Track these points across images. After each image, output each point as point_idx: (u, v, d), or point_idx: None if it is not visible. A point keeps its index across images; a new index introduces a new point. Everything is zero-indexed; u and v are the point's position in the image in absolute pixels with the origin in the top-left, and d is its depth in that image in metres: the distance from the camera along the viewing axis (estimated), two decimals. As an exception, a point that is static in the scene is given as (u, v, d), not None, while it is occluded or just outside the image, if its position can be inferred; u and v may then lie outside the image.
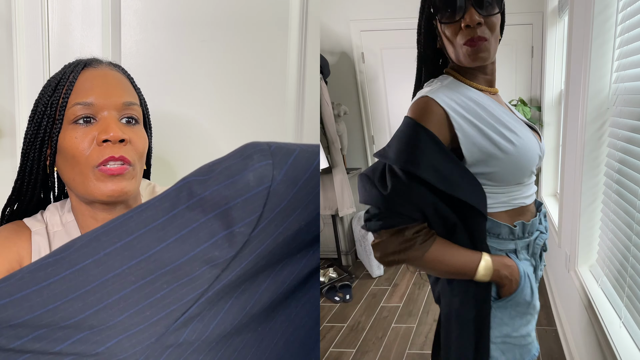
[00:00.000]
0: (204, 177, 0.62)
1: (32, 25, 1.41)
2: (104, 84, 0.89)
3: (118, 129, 0.86)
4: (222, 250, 0.62)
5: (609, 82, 1.59)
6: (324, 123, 2.99)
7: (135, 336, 0.62)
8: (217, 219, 0.61)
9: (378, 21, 3.50)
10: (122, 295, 0.61)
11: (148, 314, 0.62)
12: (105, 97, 0.88)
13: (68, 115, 0.87)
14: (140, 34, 1.42)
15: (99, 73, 0.91)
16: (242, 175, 0.61)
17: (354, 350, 2.28)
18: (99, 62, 0.94)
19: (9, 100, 1.44)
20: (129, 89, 0.93)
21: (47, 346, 0.61)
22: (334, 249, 3.33)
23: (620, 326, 1.40)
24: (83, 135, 0.86)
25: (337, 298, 2.87)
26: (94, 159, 0.85)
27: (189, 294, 0.63)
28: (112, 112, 0.88)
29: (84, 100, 0.87)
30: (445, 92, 0.95)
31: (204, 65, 1.24)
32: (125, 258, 0.60)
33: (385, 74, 3.61)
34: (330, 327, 2.53)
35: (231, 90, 1.30)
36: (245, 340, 0.71)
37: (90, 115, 0.87)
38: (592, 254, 1.80)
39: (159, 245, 0.61)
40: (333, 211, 3.13)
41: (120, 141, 0.86)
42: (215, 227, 0.61)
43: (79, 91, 0.88)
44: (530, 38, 3.31)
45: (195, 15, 1.42)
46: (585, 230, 1.77)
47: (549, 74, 3.01)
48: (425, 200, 0.91)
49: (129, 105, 0.90)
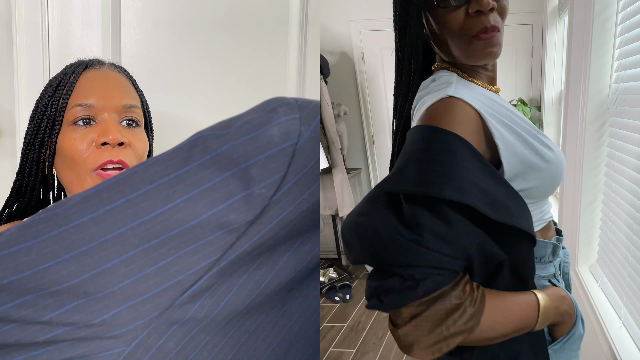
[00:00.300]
0: (221, 132, 0.53)
1: (32, 25, 1.41)
2: (105, 86, 0.88)
3: (117, 131, 0.85)
4: (239, 214, 0.53)
5: (609, 82, 1.59)
6: (324, 123, 2.99)
7: (137, 308, 0.54)
8: (234, 178, 0.52)
9: (378, 21, 3.50)
10: (123, 260, 0.53)
11: (152, 283, 0.54)
12: (106, 99, 0.87)
13: (68, 116, 0.86)
14: (140, 34, 1.42)
15: (100, 74, 0.90)
16: (265, 130, 0.52)
17: (354, 350, 2.28)
18: (101, 64, 0.93)
19: (9, 100, 1.45)
20: (130, 91, 0.92)
21: (35, 314, 0.53)
22: (334, 249, 3.33)
23: (620, 326, 1.40)
24: (82, 137, 0.85)
25: (337, 298, 2.87)
26: (92, 161, 0.83)
27: (199, 262, 0.54)
28: (113, 115, 0.87)
29: (84, 101, 0.86)
30: (468, 92, 0.73)
31: (204, 65, 1.24)
32: (128, 217, 0.52)
33: (385, 74, 3.61)
34: (330, 327, 2.53)
35: (231, 90, 1.30)
36: (258, 322, 0.62)
37: (90, 117, 0.86)
38: (592, 254, 1.80)
39: (166, 205, 0.52)
40: (333, 211, 3.13)
41: (119, 144, 0.85)
42: (232, 187, 0.52)
43: (79, 92, 0.87)
44: (530, 38, 3.31)
45: (195, 15, 1.42)
46: (585, 230, 1.77)
47: (549, 74, 3.02)
48: (472, 238, 0.64)
49: (129, 108, 0.89)
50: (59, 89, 0.88)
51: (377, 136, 3.77)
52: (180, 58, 1.39)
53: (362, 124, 3.77)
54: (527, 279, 0.70)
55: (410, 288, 0.62)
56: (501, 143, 0.70)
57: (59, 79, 0.90)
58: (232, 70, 1.40)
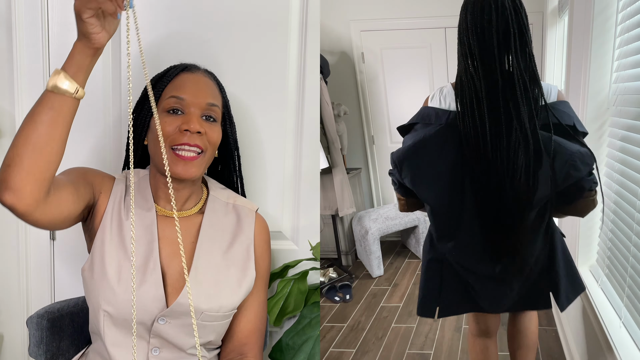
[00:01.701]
0: None
1: (32, 25, 1.41)
2: (196, 87, 1.14)
3: (198, 123, 1.10)
4: None
5: (609, 82, 1.59)
6: (324, 123, 2.99)
7: None
8: None
9: (378, 21, 3.50)
10: None
11: None
12: (195, 97, 1.12)
13: (163, 104, 1.12)
14: (140, 34, 1.42)
15: (194, 77, 1.16)
16: None
17: (354, 350, 2.28)
18: (197, 69, 1.20)
19: (9, 100, 1.44)
20: (214, 93, 1.17)
21: None
22: (334, 249, 3.33)
23: (620, 326, 1.40)
24: (171, 122, 1.10)
25: (337, 298, 2.87)
26: (175, 139, 1.09)
27: None
28: (197, 110, 1.12)
29: (178, 94, 1.12)
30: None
31: (204, 65, 1.24)
32: None
33: (385, 74, 3.61)
34: (330, 327, 2.53)
35: (231, 91, 1.30)
36: None
37: (179, 109, 1.11)
38: (592, 254, 1.81)
39: None
40: (333, 211, 3.13)
41: (197, 132, 1.10)
42: None
43: (176, 87, 1.13)
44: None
45: (196, 16, 1.41)
46: (585, 230, 1.77)
47: (549, 74, 3.01)
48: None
49: (210, 106, 1.14)
50: (160, 82, 1.16)
51: (377, 136, 3.77)
52: (179, 58, 1.39)
53: (362, 124, 3.77)
54: None
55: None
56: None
57: (162, 73, 1.18)
58: (231, 70, 1.40)
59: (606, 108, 1.61)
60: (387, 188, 3.86)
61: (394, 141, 3.73)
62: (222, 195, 1.24)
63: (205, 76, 1.19)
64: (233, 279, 1.15)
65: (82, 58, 0.92)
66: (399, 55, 3.53)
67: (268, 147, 1.47)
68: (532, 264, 1.25)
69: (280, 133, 1.46)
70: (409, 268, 3.32)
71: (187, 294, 1.00)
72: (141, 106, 1.18)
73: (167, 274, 1.11)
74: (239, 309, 1.19)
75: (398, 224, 3.25)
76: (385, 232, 3.18)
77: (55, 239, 1.50)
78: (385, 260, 3.43)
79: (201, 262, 1.13)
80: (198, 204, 1.20)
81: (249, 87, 1.43)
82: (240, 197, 1.27)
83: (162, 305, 1.07)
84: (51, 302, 1.52)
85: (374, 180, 3.88)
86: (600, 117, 1.62)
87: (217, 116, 1.16)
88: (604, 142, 1.64)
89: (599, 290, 1.63)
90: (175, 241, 1.13)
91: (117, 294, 1.05)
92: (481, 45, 1.13)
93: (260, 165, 1.46)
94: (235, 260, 1.17)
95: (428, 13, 3.38)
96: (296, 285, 1.40)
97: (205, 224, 1.18)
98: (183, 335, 1.10)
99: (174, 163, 1.08)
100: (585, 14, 1.65)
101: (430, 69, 3.48)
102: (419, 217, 3.33)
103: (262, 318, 1.23)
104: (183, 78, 1.15)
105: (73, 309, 1.28)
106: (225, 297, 1.13)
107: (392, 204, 3.49)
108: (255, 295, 1.21)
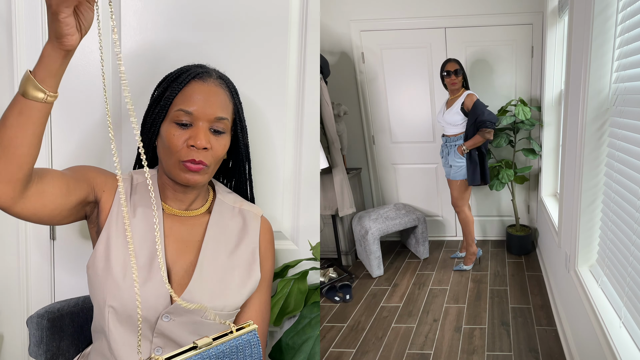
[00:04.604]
0: None
1: (32, 25, 1.41)
2: (205, 98, 1.13)
3: (205, 139, 1.11)
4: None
5: (609, 82, 1.59)
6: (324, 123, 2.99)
7: None
8: None
9: (378, 21, 3.50)
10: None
11: None
12: (203, 110, 1.12)
13: (172, 115, 1.13)
14: (140, 34, 1.42)
15: (205, 88, 1.15)
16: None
17: (354, 350, 2.28)
18: (209, 75, 1.18)
19: (9, 100, 1.44)
20: (224, 104, 1.17)
21: None
22: (334, 249, 3.33)
23: (620, 326, 1.40)
24: (179, 136, 1.12)
25: (337, 298, 2.87)
26: (182, 155, 1.11)
27: None
28: (205, 123, 1.13)
29: (187, 108, 1.12)
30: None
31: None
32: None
33: (385, 74, 3.61)
34: (330, 327, 2.53)
35: (231, 90, 1.30)
36: None
37: (188, 122, 1.12)
38: (592, 254, 1.80)
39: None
40: (333, 211, 3.13)
41: (203, 149, 1.11)
42: None
43: (185, 98, 1.13)
44: (530, 38, 3.31)
45: (196, 16, 1.41)
46: (585, 230, 1.77)
47: (549, 74, 3.01)
48: None
49: (219, 120, 1.14)
50: (170, 88, 1.16)
51: (377, 136, 3.77)
52: (180, 58, 1.39)
53: (362, 124, 3.77)
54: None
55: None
56: None
57: (174, 75, 1.17)
58: (232, 70, 1.40)
59: (606, 108, 1.61)
60: (387, 188, 3.86)
61: (394, 141, 3.73)
62: (228, 199, 1.26)
63: (216, 85, 1.17)
64: (237, 280, 1.16)
65: (52, 61, 0.87)
66: (399, 55, 3.53)
67: (268, 147, 1.47)
68: None
69: (280, 133, 1.46)
70: (409, 268, 3.32)
71: (192, 291, 1.01)
72: (153, 109, 1.19)
73: (173, 272, 1.12)
74: (242, 308, 1.19)
75: (398, 224, 3.24)
76: (385, 232, 3.18)
77: (55, 238, 1.50)
78: (385, 260, 3.43)
79: (206, 261, 1.14)
80: (205, 205, 1.23)
81: (249, 88, 1.43)
82: (246, 202, 1.29)
83: (166, 302, 1.08)
84: (51, 302, 1.52)
85: (374, 180, 3.88)
86: (601, 117, 1.62)
87: (225, 128, 1.17)
88: (604, 142, 1.64)
89: (599, 290, 1.63)
90: (181, 239, 1.15)
91: (122, 289, 1.06)
92: None
93: (260, 165, 1.46)
94: (240, 262, 1.18)
95: (428, 13, 3.37)
96: (296, 285, 1.41)
97: (211, 224, 1.20)
98: (186, 334, 1.10)
99: (183, 172, 1.12)
100: (585, 14, 1.65)
101: (431, 69, 3.48)
102: (419, 217, 3.33)
103: (265, 318, 1.23)
104: (194, 88, 1.14)
105: (73, 309, 1.28)
106: (230, 296, 1.13)
107: (392, 204, 3.49)
108: (258, 295, 1.22)
